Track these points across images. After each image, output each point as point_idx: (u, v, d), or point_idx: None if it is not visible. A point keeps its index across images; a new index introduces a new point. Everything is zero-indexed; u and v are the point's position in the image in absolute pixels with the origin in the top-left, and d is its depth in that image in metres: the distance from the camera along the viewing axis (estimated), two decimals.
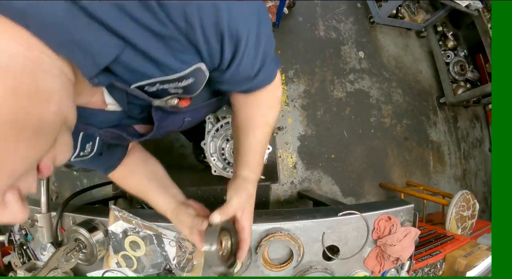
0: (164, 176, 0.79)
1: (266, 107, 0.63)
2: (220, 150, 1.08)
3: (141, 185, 0.74)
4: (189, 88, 0.45)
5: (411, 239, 0.89)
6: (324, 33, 2.37)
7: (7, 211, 0.29)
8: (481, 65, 2.67)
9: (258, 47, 0.45)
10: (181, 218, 0.67)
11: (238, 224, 0.62)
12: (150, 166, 0.79)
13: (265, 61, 0.49)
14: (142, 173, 0.75)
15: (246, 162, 0.67)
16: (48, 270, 0.70)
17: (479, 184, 2.82)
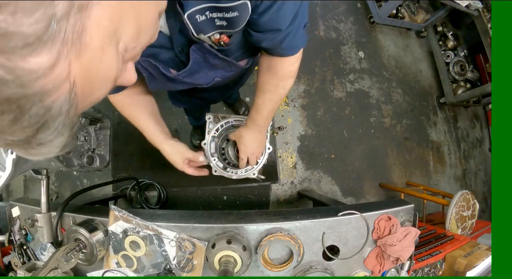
0: (159, 114, 0.92)
1: (281, 77, 0.75)
2: (220, 150, 1.08)
3: (141, 116, 0.87)
4: (233, 21, 0.54)
5: (411, 239, 0.89)
6: (324, 33, 2.37)
7: (127, 74, 0.36)
8: (481, 65, 2.67)
9: (293, 9, 0.54)
10: (178, 149, 0.89)
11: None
12: (150, 101, 0.90)
13: (297, 26, 0.59)
14: (143, 106, 0.87)
15: (251, 117, 0.86)
16: (48, 270, 0.70)
17: (479, 184, 2.82)
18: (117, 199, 1.73)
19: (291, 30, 0.60)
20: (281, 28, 0.58)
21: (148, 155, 1.87)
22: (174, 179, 1.86)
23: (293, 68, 0.75)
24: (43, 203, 0.84)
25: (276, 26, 0.58)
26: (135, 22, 0.32)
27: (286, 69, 0.74)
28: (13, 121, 0.25)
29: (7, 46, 0.22)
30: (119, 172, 1.85)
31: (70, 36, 0.25)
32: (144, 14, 0.34)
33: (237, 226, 0.83)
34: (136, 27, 0.33)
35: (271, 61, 0.72)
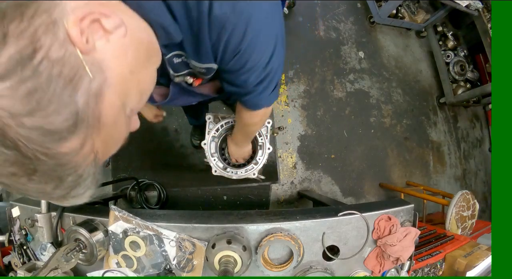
0: None
1: (246, 123, 0.85)
2: (220, 150, 1.08)
3: None
4: (201, 73, 0.59)
5: (411, 239, 0.89)
6: (324, 33, 2.37)
7: (133, 124, 0.43)
8: (481, 65, 2.67)
9: (264, 71, 0.57)
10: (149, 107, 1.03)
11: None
12: None
13: (262, 88, 0.62)
14: None
15: (233, 133, 1.04)
16: (48, 270, 0.70)
17: (479, 184, 2.82)
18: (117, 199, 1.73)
19: (254, 90, 0.62)
20: (244, 89, 0.62)
21: (148, 155, 1.87)
22: (174, 179, 1.86)
23: (256, 120, 0.81)
24: (43, 203, 0.84)
25: (239, 85, 0.61)
26: (138, 89, 0.39)
27: (249, 119, 0.81)
28: (55, 187, 0.33)
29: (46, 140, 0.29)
30: (119, 172, 1.85)
31: (91, 122, 0.32)
32: (143, 80, 0.41)
33: (237, 226, 0.83)
34: (139, 92, 0.40)
35: (238, 105, 0.76)
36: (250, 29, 0.46)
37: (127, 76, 0.36)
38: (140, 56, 0.39)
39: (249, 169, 1.06)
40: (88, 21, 0.31)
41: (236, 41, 0.47)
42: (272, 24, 0.50)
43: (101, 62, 0.32)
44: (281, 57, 0.58)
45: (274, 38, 0.52)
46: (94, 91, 0.31)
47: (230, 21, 0.44)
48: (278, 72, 0.61)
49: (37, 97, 0.28)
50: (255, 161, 1.06)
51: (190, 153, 1.93)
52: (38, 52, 0.27)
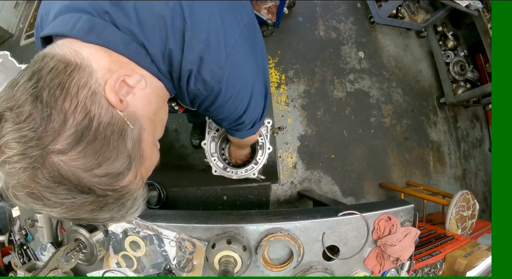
0: None
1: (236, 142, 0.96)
2: (220, 150, 1.08)
3: None
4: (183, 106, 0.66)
5: (411, 239, 0.89)
6: (324, 33, 2.37)
7: (156, 155, 0.50)
8: (481, 65, 2.67)
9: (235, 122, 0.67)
10: None
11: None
12: None
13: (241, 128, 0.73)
14: None
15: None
16: (48, 270, 0.70)
17: (479, 184, 2.82)
18: None
19: (229, 129, 0.75)
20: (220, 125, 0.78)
21: None
22: (174, 179, 1.86)
23: (236, 140, 0.88)
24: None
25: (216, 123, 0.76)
26: (160, 125, 0.51)
27: (232, 138, 0.90)
28: (118, 211, 0.43)
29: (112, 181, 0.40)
30: None
31: (138, 158, 0.43)
32: (163, 116, 0.52)
33: (237, 226, 0.83)
34: (161, 126, 0.51)
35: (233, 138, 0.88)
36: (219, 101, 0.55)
37: (153, 117, 0.46)
38: (159, 100, 0.49)
39: (249, 169, 1.06)
40: (118, 84, 0.40)
41: (206, 105, 0.57)
42: (243, 93, 0.58)
43: (134, 113, 0.42)
44: (258, 111, 0.68)
45: (246, 102, 0.60)
46: (136, 136, 0.42)
47: (201, 94, 0.53)
48: (255, 120, 0.71)
49: (102, 152, 0.38)
50: (255, 161, 1.06)
51: (190, 153, 1.93)
52: (93, 121, 0.37)
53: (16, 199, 0.38)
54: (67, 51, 0.39)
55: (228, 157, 1.15)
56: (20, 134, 0.34)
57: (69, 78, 0.37)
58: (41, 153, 0.35)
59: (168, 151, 1.92)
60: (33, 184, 0.36)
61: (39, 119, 0.34)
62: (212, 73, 0.49)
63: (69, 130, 0.35)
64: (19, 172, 0.35)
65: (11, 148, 0.34)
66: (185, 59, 0.47)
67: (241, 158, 1.14)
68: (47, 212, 0.39)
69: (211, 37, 0.48)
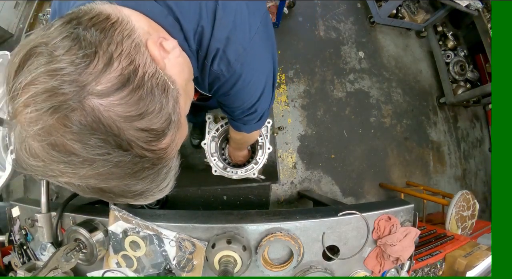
0: None
1: (237, 139, 0.96)
2: (220, 150, 1.08)
3: None
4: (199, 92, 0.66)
5: (411, 239, 0.89)
6: (324, 33, 2.37)
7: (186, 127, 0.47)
8: (481, 65, 2.67)
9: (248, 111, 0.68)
10: None
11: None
12: None
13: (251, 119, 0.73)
14: None
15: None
16: (48, 270, 0.70)
17: (479, 184, 2.82)
18: None
19: (238, 119, 0.75)
20: (230, 115, 0.75)
21: None
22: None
23: (238, 137, 0.91)
24: (43, 203, 0.84)
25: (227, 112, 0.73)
26: (189, 98, 0.48)
27: (233, 134, 0.91)
28: (150, 181, 0.40)
29: (152, 139, 0.36)
30: None
31: (177, 122, 0.40)
32: (190, 90, 0.51)
33: (237, 226, 0.83)
34: (189, 99, 0.49)
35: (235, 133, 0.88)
36: (238, 85, 0.56)
37: (185, 88, 0.44)
38: (188, 73, 0.49)
39: (249, 169, 1.06)
40: (159, 43, 0.39)
41: (224, 90, 0.58)
42: (259, 80, 0.60)
43: (172, 77, 0.40)
44: (268, 100, 0.70)
45: (260, 89, 0.62)
46: (175, 97, 0.39)
47: (223, 75, 0.54)
48: (264, 111, 0.73)
49: (146, 103, 0.34)
50: (255, 161, 1.06)
51: (190, 153, 1.93)
52: (139, 68, 0.34)
53: (31, 157, 0.32)
54: (108, 7, 0.37)
55: (228, 157, 1.15)
56: (55, 66, 0.29)
57: (112, 27, 0.34)
58: (79, 91, 0.29)
59: None
60: (61, 130, 0.30)
61: (82, 54, 0.30)
62: (237, 53, 0.51)
63: (114, 73, 0.31)
64: (45, 114, 0.29)
65: (40, 82, 0.29)
66: (214, 37, 0.48)
67: (240, 159, 1.15)
68: (68, 177, 0.33)
69: (238, 19, 0.50)
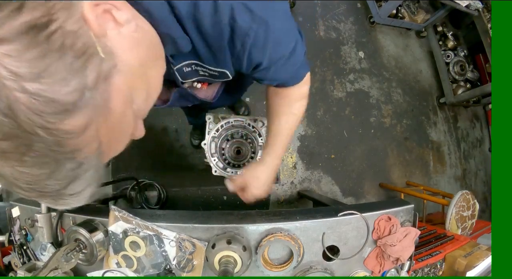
0: None
1: (293, 99, 0.74)
2: (220, 150, 1.08)
3: None
4: (213, 76, 0.60)
5: (411, 239, 0.89)
6: (324, 33, 2.37)
7: (138, 130, 0.42)
8: (481, 65, 2.67)
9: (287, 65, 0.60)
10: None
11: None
12: None
13: (293, 70, 0.64)
14: None
15: (267, 144, 0.82)
16: (48, 271, 0.70)
17: (479, 184, 2.82)
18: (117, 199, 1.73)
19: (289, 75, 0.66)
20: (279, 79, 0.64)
21: (148, 155, 1.87)
22: (174, 179, 1.86)
23: (301, 91, 0.73)
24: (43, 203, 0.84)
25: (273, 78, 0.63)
26: (146, 86, 0.39)
27: (294, 93, 0.73)
28: (49, 175, 0.30)
29: (48, 111, 0.26)
30: (119, 172, 1.85)
31: (99, 103, 0.30)
32: (151, 79, 0.41)
33: (237, 226, 0.83)
34: (146, 91, 0.39)
35: (278, 90, 0.73)
36: (272, 33, 0.49)
37: (137, 68, 0.36)
38: (150, 54, 0.40)
39: None
40: (102, 9, 0.32)
41: (259, 46, 0.50)
42: (289, 24, 0.56)
43: (112, 49, 0.32)
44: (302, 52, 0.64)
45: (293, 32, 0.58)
46: (104, 72, 0.30)
47: (251, 29, 0.46)
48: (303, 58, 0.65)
49: (46, 62, 0.26)
50: (255, 161, 1.06)
51: (190, 153, 1.93)
52: (53, 22, 0.27)
53: None
54: None
55: (228, 157, 1.15)
56: None
57: None
58: None
59: (168, 151, 1.92)
60: None
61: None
62: (257, 2, 0.46)
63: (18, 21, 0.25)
64: None
65: None
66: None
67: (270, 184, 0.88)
68: None
69: None
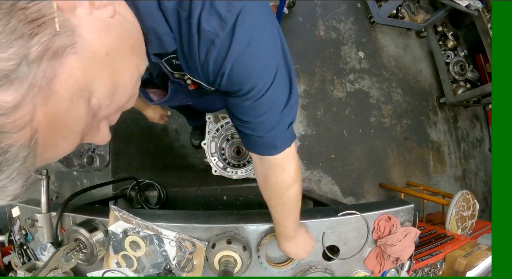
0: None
1: (279, 189, 0.65)
2: (220, 150, 1.08)
3: None
4: (197, 83, 0.54)
5: (411, 239, 0.89)
6: (324, 33, 2.37)
7: (100, 134, 0.37)
8: (481, 65, 2.67)
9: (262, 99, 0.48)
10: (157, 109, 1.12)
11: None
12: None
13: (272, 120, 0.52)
14: None
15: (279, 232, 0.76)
16: (48, 270, 0.70)
17: (479, 184, 2.82)
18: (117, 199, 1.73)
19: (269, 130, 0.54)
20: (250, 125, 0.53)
21: (148, 155, 1.87)
22: (174, 179, 1.86)
23: (286, 175, 0.62)
24: (43, 203, 0.84)
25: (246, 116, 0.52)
26: (111, 79, 0.32)
27: (279, 177, 0.63)
28: None
29: None
30: (119, 172, 1.85)
31: (39, 81, 0.25)
32: (122, 73, 0.34)
33: (237, 226, 0.83)
34: (111, 84, 0.33)
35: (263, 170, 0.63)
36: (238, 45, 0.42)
37: (102, 56, 0.31)
38: (123, 46, 0.35)
39: (249, 169, 1.06)
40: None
41: (221, 57, 0.43)
42: (266, 39, 0.45)
43: (75, 27, 0.28)
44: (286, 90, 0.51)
45: (275, 65, 0.47)
46: (55, 47, 0.26)
47: (217, 36, 0.41)
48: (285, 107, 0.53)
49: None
50: None
51: (190, 153, 1.93)
52: None
53: None
54: None
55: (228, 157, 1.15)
56: None
57: None
58: None
59: (168, 151, 1.92)
60: None
61: None
62: (227, 2, 0.40)
63: None
64: None
65: None
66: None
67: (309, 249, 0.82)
68: None
69: None
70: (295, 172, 0.63)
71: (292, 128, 0.57)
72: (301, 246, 0.79)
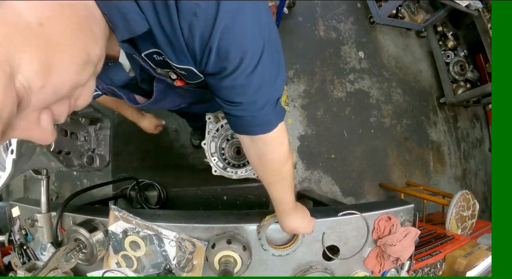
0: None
1: (276, 165, 0.63)
2: (220, 150, 1.08)
3: (122, 105, 1.03)
4: (184, 76, 0.50)
5: (411, 239, 0.89)
6: (324, 33, 2.37)
7: (39, 129, 0.31)
8: (481, 65, 2.67)
9: (253, 75, 0.45)
10: (151, 120, 1.19)
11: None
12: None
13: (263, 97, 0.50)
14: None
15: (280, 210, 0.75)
16: (48, 270, 0.70)
17: (479, 184, 2.82)
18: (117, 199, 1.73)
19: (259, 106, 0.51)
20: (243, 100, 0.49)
21: (148, 155, 1.87)
22: (174, 179, 1.86)
23: (284, 150, 0.61)
24: (43, 203, 0.84)
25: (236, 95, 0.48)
26: (42, 54, 0.27)
27: (277, 153, 0.61)
28: None
29: None
30: (119, 172, 1.85)
31: None
32: (59, 49, 0.29)
33: (237, 226, 0.83)
34: (43, 60, 0.27)
35: (257, 151, 0.61)
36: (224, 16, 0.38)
37: (32, 25, 0.27)
38: (66, 18, 0.30)
39: (249, 169, 1.06)
40: None
41: (212, 32, 0.38)
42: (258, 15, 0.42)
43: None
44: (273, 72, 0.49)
45: (262, 35, 0.43)
46: None
47: (199, 7, 0.36)
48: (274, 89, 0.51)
49: None
50: None
51: (190, 153, 1.93)
52: None
53: None
54: None
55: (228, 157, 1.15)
56: None
57: None
58: None
59: (168, 151, 1.92)
60: None
61: None
62: None
63: None
64: None
65: None
66: None
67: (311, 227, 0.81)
68: None
69: None
70: (290, 145, 0.63)
71: (280, 103, 0.56)
72: (303, 217, 0.78)
